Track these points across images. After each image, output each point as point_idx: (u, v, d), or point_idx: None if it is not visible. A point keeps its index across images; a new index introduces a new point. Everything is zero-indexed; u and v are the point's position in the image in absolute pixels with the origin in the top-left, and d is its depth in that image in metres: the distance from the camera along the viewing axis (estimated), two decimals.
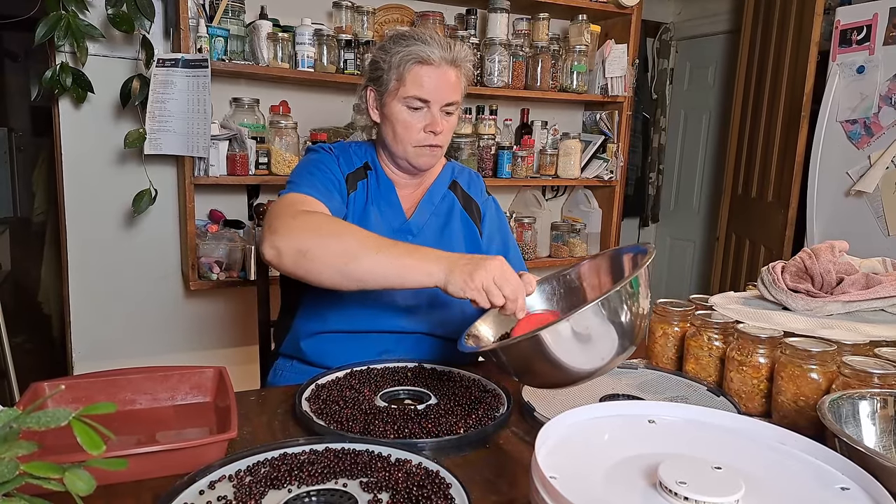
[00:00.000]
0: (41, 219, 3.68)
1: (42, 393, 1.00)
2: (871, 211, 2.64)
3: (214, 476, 0.84)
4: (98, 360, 2.48)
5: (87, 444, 0.55)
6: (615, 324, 0.93)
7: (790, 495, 0.67)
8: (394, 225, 1.44)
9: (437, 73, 1.32)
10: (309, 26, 2.40)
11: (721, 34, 4.05)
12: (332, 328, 1.39)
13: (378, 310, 1.38)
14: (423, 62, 1.31)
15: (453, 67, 1.34)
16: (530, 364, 0.96)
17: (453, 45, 1.35)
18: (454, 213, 1.49)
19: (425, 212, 1.47)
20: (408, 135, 1.36)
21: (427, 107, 1.34)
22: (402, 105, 1.34)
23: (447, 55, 1.32)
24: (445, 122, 1.37)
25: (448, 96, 1.34)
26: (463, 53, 1.36)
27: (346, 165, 1.44)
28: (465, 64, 1.38)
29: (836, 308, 1.33)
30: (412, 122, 1.35)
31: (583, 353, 0.94)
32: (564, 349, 0.92)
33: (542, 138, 3.08)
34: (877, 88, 2.61)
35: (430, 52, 1.31)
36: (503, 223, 1.59)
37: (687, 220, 4.38)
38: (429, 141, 1.36)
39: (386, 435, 0.98)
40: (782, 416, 1.08)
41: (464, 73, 1.38)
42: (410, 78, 1.32)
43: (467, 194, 1.54)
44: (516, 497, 0.85)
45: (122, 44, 2.35)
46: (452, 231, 1.47)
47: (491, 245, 1.53)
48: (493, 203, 1.58)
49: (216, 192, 2.59)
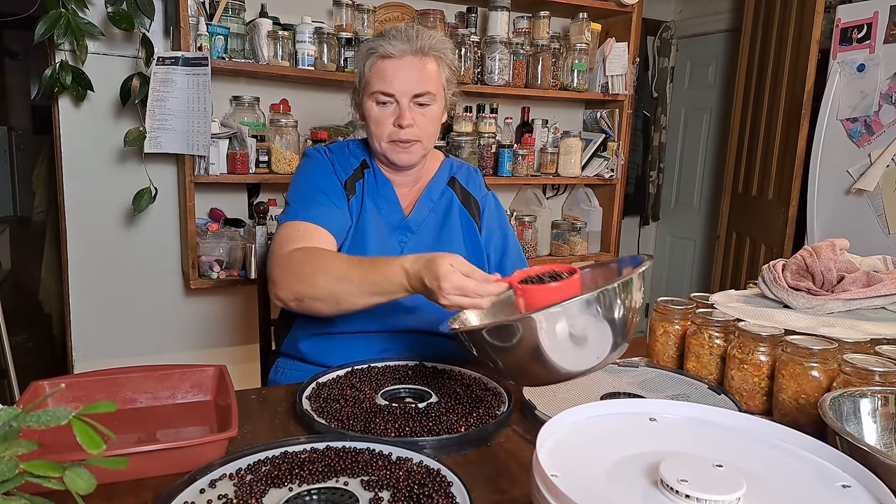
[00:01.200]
0: (41, 217, 3.68)
1: (42, 392, 1.00)
2: (872, 209, 2.64)
3: (215, 475, 0.84)
4: (98, 359, 2.48)
5: (87, 443, 0.55)
6: (607, 320, 0.91)
7: (791, 493, 0.67)
8: (392, 222, 1.44)
9: (399, 65, 1.31)
10: (309, 24, 2.40)
11: (722, 32, 4.04)
12: (332, 329, 1.39)
13: (378, 309, 1.38)
14: (384, 56, 1.31)
15: (419, 57, 1.32)
16: (515, 352, 0.92)
17: (420, 34, 1.33)
18: (453, 210, 1.49)
19: (424, 209, 1.47)
20: (379, 130, 1.36)
21: (394, 100, 1.33)
22: (372, 101, 1.35)
23: (409, 46, 1.31)
24: (419, 114, 1.35)
25: (414, 87, 1.32)
26: (432, 42, 1.34)
27: (343, 169, 1.44)
28: (438, 52, 1.35)
29: (836, 306, 1.33)
30: (382, 118, 1.35)
31: (571, 349, 0.92)
32: (553, 341, 0.90)
33: (542, 137, 3.08)
34: (877, 87, 2.60)
35: (390, 46, 1.31)
36: (503, 218, 1.59)
37: (687, 218, 4.37)
38: (398, 135, 1.35)
39: (387, 433, 0.97)
40: (783, 414, 1.07)
41: (442, 62, 1.37)
42: (373, 73, 1.33)
43: (466, 190, 1.53)
44: (517, 495, 0.85)
45: (121, 42, 2.35)
46: (451, 228, 1.47)
47: (490, 241, 1.53)
48: (492, 198, 1.58)
49: (216, 190, 2.59)
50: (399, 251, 1.42)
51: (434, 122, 1.39)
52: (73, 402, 1.04)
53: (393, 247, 1.42)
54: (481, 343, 0.96)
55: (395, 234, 1.44)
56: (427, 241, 1.45)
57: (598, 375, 1.24)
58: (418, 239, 1.44)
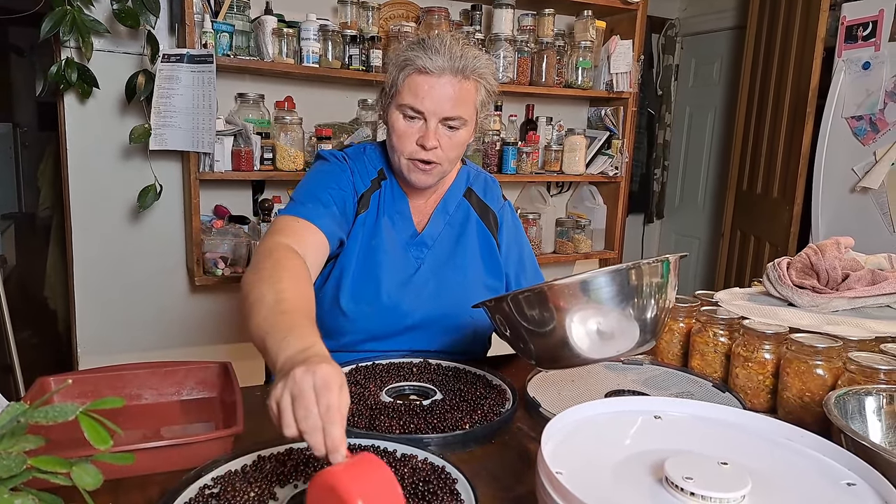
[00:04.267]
0: (46, 214, 3.69)
1: (48, 387, 1.01)
2: (877, 207, 2.63)
3: (220, 471, 0.84)
4: (103, 355, 2.48)
5: (94, 438, 0.55)
6: (638, 303, 0.94)
7: (796, 491, 0.67)
8: (405, 237, 1.39)
9: (435, 83, 1.22)
10: (314, 22, 2.40)
11: (726, 30, 4.03)
12: (342, 347, 1.37)
13: (389, 332, 1.36)
14: (421, 71, 1.22)
15: (458, 78, 1.23)
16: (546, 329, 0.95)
17: (465, 53, 1.24)
18: (470, 223, 1.44)
19: (439, 222, 1.42)
20: (401, 145, 1.28)
21: (422, 118, 1.25)
22: (399, 113, 1.27)
23: (451, 64, 1.22)
24: (446, 137, 1.27)
25: (447, 110, 1.24)
26: (476, 63, 1.25)
27: (362, 178, 1.38)
28: (479, 76, 1.26)
29: (841, 304, 1.32)
30: (407, 133, 1.27)
31: (613, 321, 0.94)
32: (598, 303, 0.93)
33: (546, 134, 3.08)
34: (882, 84, 2.59)
35: (431, 61, 1.21)
36: (519, 230, 1.53)
37: (692, 216, 4.37)
38: (419, 155, 1.27)
39: (391, 430, 0.98)
40: (788, 412, 1.07)
41: (481, 85, 1.28)
42: (407, 86, 1.24)
43: (483, 202, 1.47)
44: (522, 493, 0.85)
45: (127, 39, 2.35)
46: (467, 241, 1.43)
47: (509, 260, 1.48)
48: (509, 209, 1.52)
49: (221, 187, 2.59)
50: (416, 268, 1.38)
51: (459, 146, 1.31)
52: (79, 399, 1.04)
53: (409, 264, 1.38)
54: (510, 313, 0.98)
55: (411, 250, 1.39)
56: (443, 257, 1.41)
57: (602, 373, 1.24)
58: (434, 254, 1.40)
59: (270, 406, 0.75)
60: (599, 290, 0.93)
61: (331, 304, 1.35)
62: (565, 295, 0.93)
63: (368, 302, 1.34)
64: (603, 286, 0.93)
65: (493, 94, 1.33)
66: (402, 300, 1.35)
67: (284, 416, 0.73)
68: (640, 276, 0.94)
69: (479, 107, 1.30)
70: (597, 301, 0.93)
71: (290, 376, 0.73)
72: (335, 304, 1.34)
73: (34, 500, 0.56)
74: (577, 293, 0.93)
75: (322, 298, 1.36)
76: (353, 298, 1.33)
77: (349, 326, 1.35)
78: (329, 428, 0.70)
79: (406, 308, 1.35)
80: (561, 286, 0.93)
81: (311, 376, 0.72)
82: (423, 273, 1.38)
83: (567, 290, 0.92)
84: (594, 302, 0.93)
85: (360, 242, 1.36)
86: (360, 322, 1.34)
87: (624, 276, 0.93)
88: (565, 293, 0.93)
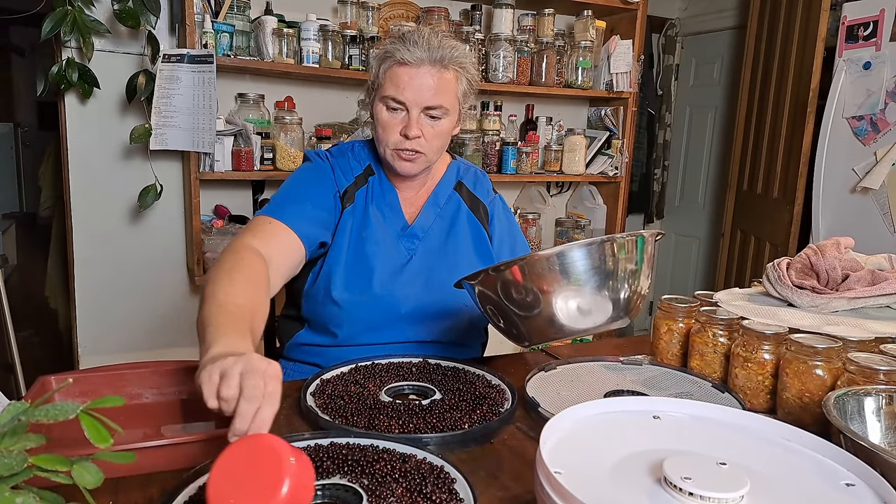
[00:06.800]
0: (47, 214, 3.69)
1: (49, 387, 1.01)
2: (877, 207, 2.63)
3: None
4: (104, 355, 2.49)
5: (94, 437, 0.56)
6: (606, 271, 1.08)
7: (795, 491, 0.67)
8: (397, 230, 1.41)
9: (414, 73, 1.26)
10: (314, 22, 2.40)
11: (727, 30, 4.03)
12: (340, 342, 1.38)
13: (384, 322, 1.37)
14: (401, 62, 1.26)
15: (437, 68, 1.27)
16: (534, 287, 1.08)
17: (442, 44, 1.27)
18: (460, 215, 1.46)
19: (430, 214, 1.44)
20: (385, 136, 1.31)
21: (405, 109, 1.28)
22: (382, 105, 1.30)
23: (430, 55, 1.26)
24: (429, 127, 1.30)
25: (427, 99, 1.27)
26: (454, 53, 1.28)
27: (345, 175, 1.40)
28: (458, 65, 1.30)
29: (841, 304, 1.32)
30: (391, 124, 1.30)
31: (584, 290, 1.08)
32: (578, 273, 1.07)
33: (546, 134, 3.08)
34: (883, 84, 2.59)
35: (410, 52, 1.25)
36: (512, 223, 1.56)
37: (692, 216, 4.37)
38: (402, 145, 1.30)
39: (391, 430, 0.98)
40: (787, 412, 1.08)
41: (461, 75, 1.31)
42: (387, 77, 1.28)
43: (473, 195, 1.50)
44: (521, 492, 0.85)
45: (127, 39, 2.35)
46: (459, 233, 1.45)
47: (501, 250, 1.50)
48: (499, 202, 1.55)
49: (221, 187, 2.60)
50: (407, 258, 1.40)
51: (442, 136, 1.34)
52: (80, 398, 1.04)
53: (401, 254, 1.40)
54: (492, 288, 1.11)
55: (403, 241, 1.41)
56: (434, 248, 1.43)
57: (601, 373, 1.24)
58: (425, 246, 1.42)
59: (197, 378, 0.81)
60: (572, 256, 1.08)
61: (324, 298, 1.36)
62: (542, 261, 1.07)
63: (361, 291, 1.35)
64: (577, 259, 1.08)
65: (475, 84, 1.36)
66: (394, 289, 1.36)
67: (207, 387, 0.79)
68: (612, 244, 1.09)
69: (461, 97, 1.34)
70: (570, 262, 1.08)
71: (222, 360, 0.80)
72: (328, 297, 1.35)
73: (35, 498, 0.56)
74: (553, 259, 1.07)
75: (315, 294, 1.38)
76: (346, 288, 1.35)
77: (344, 317, 1.36)
78: (253, 407, 0.76)
79: (399, 297, 1.37)
80: (533, 254, 1.08)
81: (243, 363, 0.79)
82: (414, 263, 1.40)
83: (543, 259, 1.08)
84: (568, 264, 1.08)
85: (349, 235, 1.38)
86: (354, 312, 1.35)
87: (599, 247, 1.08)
88: (542, 261, 1.08)
